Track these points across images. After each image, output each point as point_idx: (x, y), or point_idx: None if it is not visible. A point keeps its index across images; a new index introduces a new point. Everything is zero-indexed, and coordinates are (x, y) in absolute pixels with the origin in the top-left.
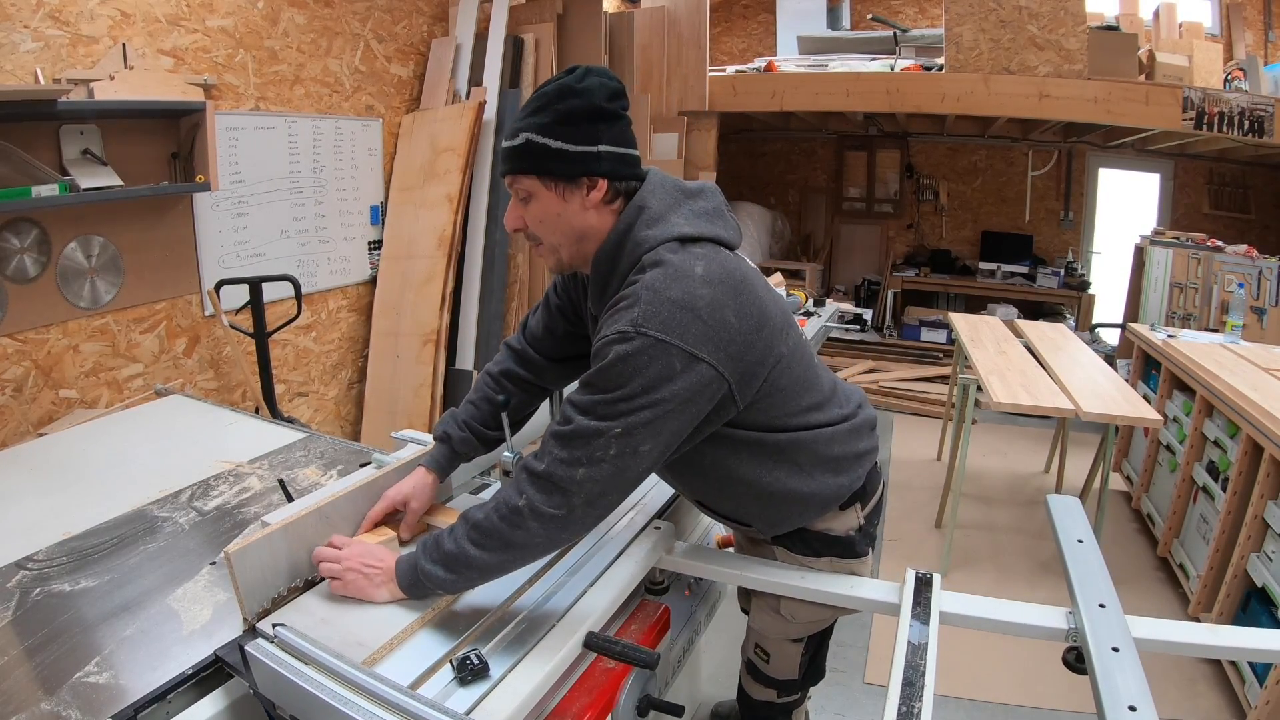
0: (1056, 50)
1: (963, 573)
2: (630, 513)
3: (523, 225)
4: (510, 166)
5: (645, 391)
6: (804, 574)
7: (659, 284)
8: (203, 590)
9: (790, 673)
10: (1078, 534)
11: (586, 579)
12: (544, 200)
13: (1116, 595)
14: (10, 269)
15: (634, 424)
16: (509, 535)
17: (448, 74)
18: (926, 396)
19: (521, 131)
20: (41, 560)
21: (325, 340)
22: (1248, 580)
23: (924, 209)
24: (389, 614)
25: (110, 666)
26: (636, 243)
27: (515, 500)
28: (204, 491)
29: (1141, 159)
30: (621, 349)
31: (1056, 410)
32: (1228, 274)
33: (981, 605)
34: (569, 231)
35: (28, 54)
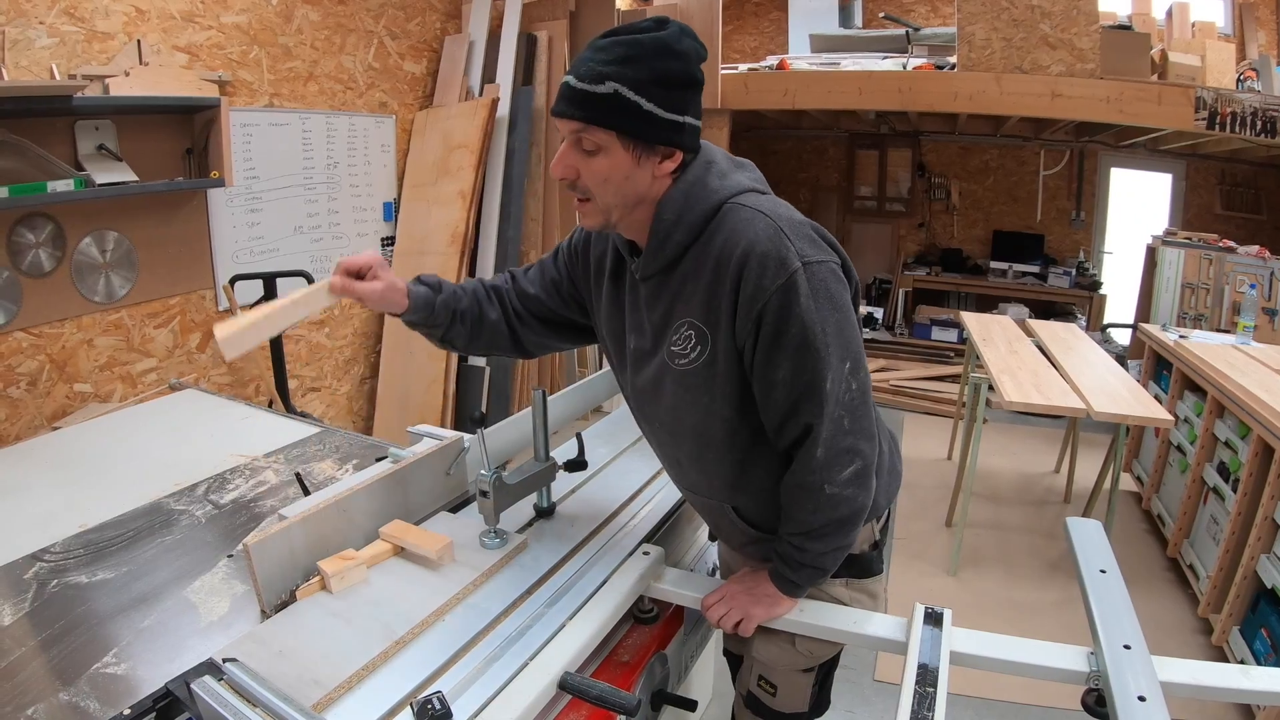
0: (1069, 49)
1: (972, 572)
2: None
3: (574, 176)
4: (586, 114)
5: (839, 316)
6: (803, 605)
7: (780, 215)
8: (220, 583)
9: (799, 705)
10: (1100, 563)
11: (565, 611)
12: (616, 159)
13: (1142, 634)
14: (26, 264)
15: (851, 350)
16: (840, 515)
17: (461, 71)
18: (937, 395)
19: (609, 79)
20: (58, 552)
21: (338, 336)
22: (1257, 581)
23: (935, 208)
24: (349, 649)
25: (128, 658)
26: (711, 191)
27: (820, 495)
28: (220, 485)
29: (1153, 159)
30: (802, 290)
31: (1068, 410)
32: (1239, 275)
33: (995, 644)
34: (630, 195)
35: (43, 50)
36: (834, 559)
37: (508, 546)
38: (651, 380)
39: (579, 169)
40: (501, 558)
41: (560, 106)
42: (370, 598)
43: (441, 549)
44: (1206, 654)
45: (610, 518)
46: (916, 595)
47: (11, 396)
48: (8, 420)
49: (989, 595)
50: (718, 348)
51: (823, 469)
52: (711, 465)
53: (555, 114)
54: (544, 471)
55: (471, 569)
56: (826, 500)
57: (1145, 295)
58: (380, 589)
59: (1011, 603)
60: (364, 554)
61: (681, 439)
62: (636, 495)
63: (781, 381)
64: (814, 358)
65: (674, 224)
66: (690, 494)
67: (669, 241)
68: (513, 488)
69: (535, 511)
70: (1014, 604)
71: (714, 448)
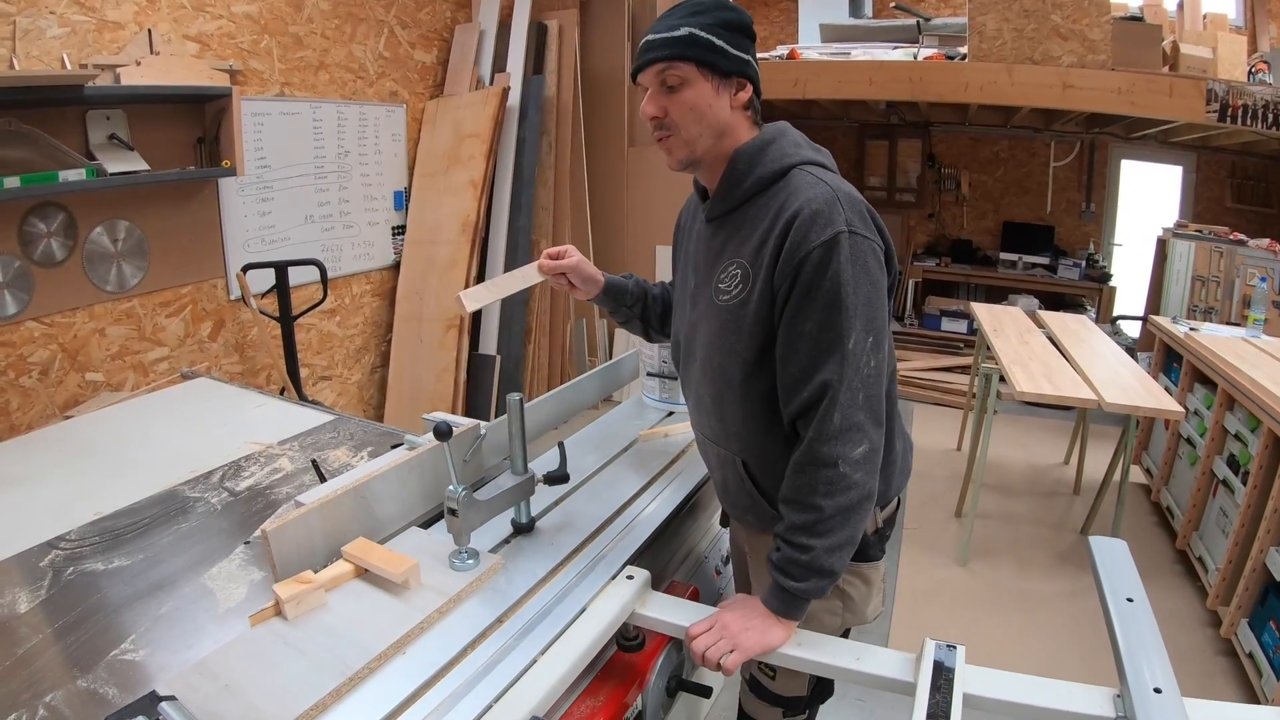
0: (1080, 41)
1: (982, 562)
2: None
3: (662, 114)
4: (668, 53)
5: (870, 287)
6: (800, 638)
7: (841, 190)
8: (237, 569)
9: (798, 690)
10: (1127, 590)
11: (539, 643)
12: (698, 89)
13: (1173, 674)
14: (38, 253)
15: (876, 324)
16: (848, 502)
17: (471, 60)
18: (947, 386)
19: (683, 26)
20: (73, 540)
21: (349, 325)
22: (1267, 574)
23: (945, 199)
24: (301, 684)
25: (146, 644)
26: (783, 154)
27: (832, 471)
28: (235, 472)
29: (1164, 151)
30: (843, 253)
31: (1079, 401)
32: (1250, 268)
33: (1014, 686)
34: (714, 124)
35: (54, 40)
36: (840, 559)
37: (480, 568)
38: (700, 315)
39: (666, 106)
40: (472, 581)
41: (642, 59)
42: (328, 625)
43: (406, 571)
44: (1215, 646)
45: (594, 534)
46: (928, 586)
47: (23, 386)
48: (20, 410)
49: (999, 585)
50: (755, 290)
51: (838, 439)
52: (728, 411)
53: (639, 68)
54: (521, 486)
55: (438, 594)
56: (840, 480)
57: (1155, 288)
58: (339, 615)
59: (1022, 593)
60: (323, 576)
61: (710, 378)
62: (624, 508)
63: (807, 334)
64: (841, 316)
65: (745, 173)
66: (710, 444)
67: (737, 188)
68: (485, 504)
69: (513, 527)
70: (1024, 594)
71: (733, 389)
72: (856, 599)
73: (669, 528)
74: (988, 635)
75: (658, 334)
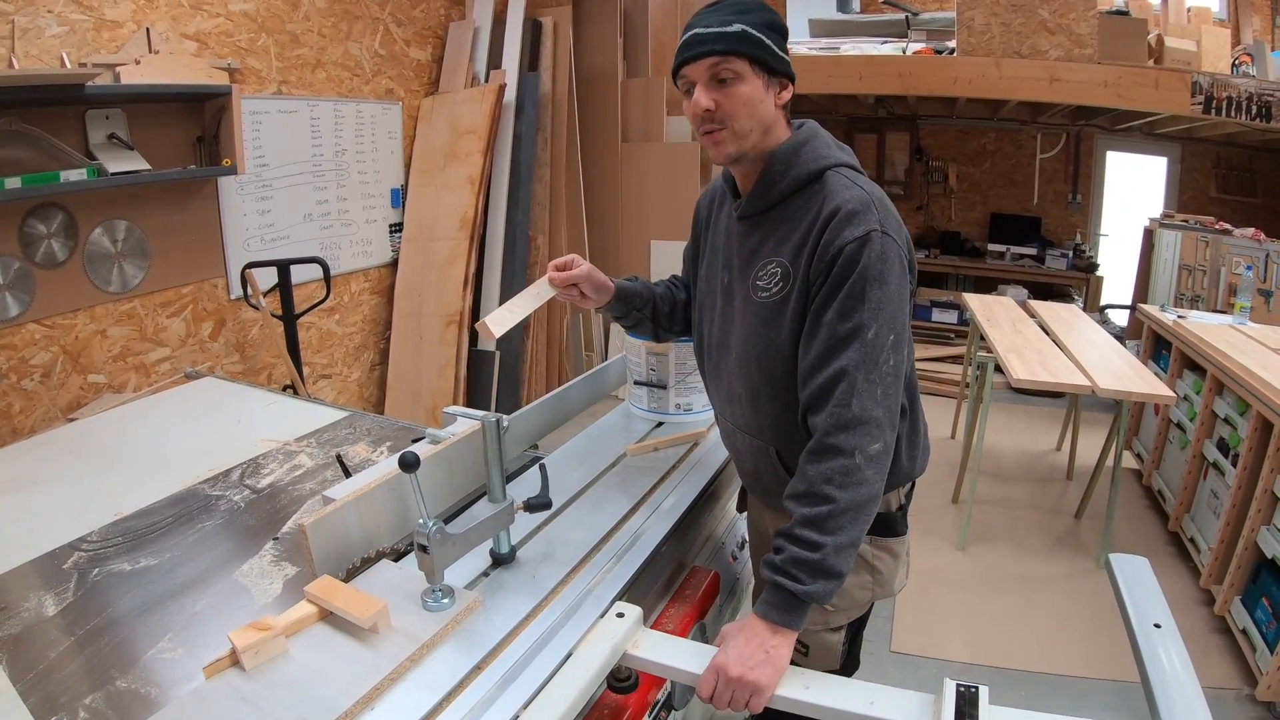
0: (1067, 34)
1: (981, 547)
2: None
3: (715, 107)
4: (725, 48)
5: (897, 288)
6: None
7: (876, 194)
8: (269, 565)
9: (831, 664)
10: (1154, 615)
11: (523, 693)
12: (751, 84)
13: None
14: (39, 254)
15: (899, 324)
16: (861, 497)
17: (466, 57)
18: (939, 376)
19: (735, 22)
20: (96, 541)
21: (348, 323)
22: (1258, 552)
23: (933, 191)
24: None
25: (185, 642)
26: (816, 155)
27: (847, 462)
28: (255, 470)
29: (1149, 142)
30: (874, 251)
31: (1075, 387)
32: (1235, 257)
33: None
34: (762, 120)
35: (53, 38)
36: (847, 562)
37: (455, 608)
38: (736, 311)
39: (718, 100)
40: (447, 623)
41: (693, 52)
42: (289, 677)
43: (374, 615)
44: (1209, 624)
45: (580, 564)
46: (929, 570)
47: (25, 388)
48: (22, 413)
49: (999, 569)
50: (794, 286)
51: (855, 430)
52: (765, 403)
53: (687, 60)
54: (499, 516)
55: (410, 639)
56: (855, 473)
57: (1143, 277)
58: (301, 666)
59: (1021, 576)
60: (283, 621)
61: (746, 372)
62: (612, 534)
63: (827, 323)
64: (864, 308)
65: (782, 174)
66: (741, 434)
67: (774, 188)
68: (459, 538)
69: (492, 558)
70: (1024, 578)
71: (772, 383)
72: (885, 573)
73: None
74: (990, 617)
75: (667, 334)
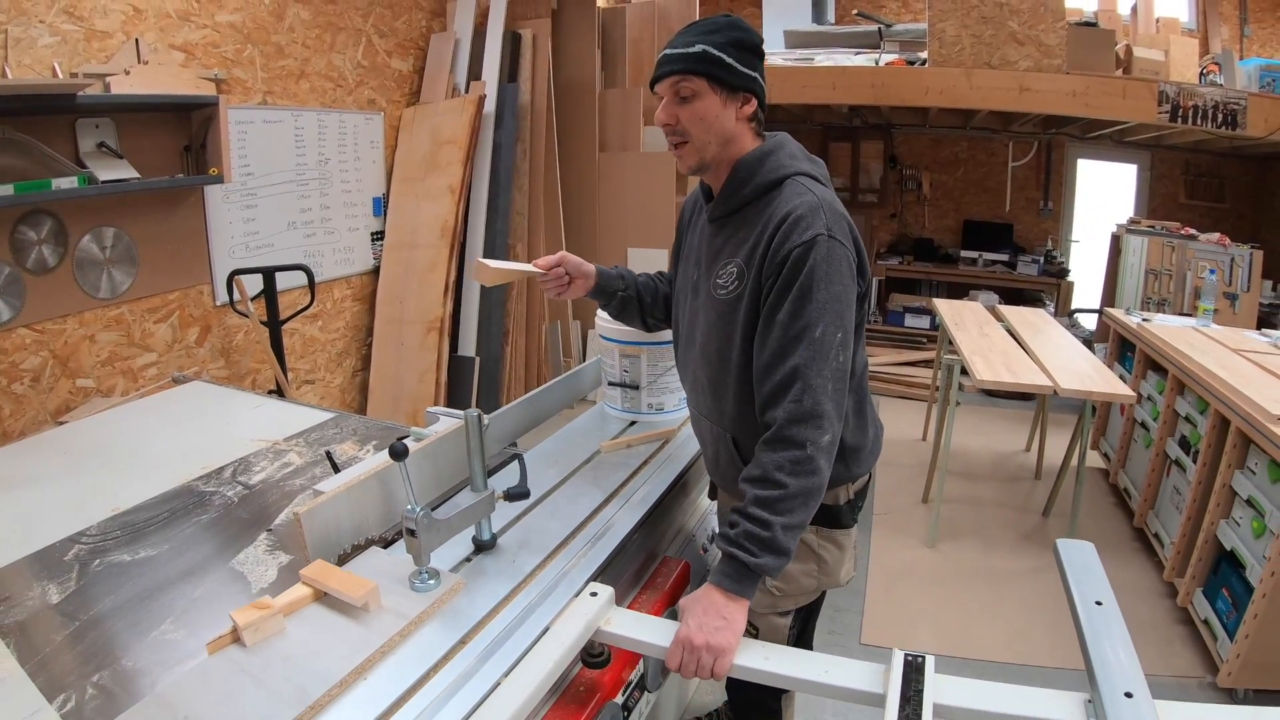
0: (1036, 45)
1: (950, 543)
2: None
3: (675, 122)
4: (683, 67)
5: (842, 288)
6: (767, 652)
7: (826, 200)
8: (264, 554)
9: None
10: (1096, 594)
11: (502, 665)
12: (707, 101)
13: (1144, 679)
14: (30, 260)
15: (845, 322)
16: (809, 485)
17: (447, 68)
18: (911, 380)
19: (697, 44)
20: (95, 535)
21: (330, 329)
22: (1218, 545)
23: (907, 198)
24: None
25: (186, 624)
26: (779, 165)
27: (798, 453)
28: (246, 468)
29: (1119, 150)
30: (819, 254)
31: (1036, 387)
32: (1201, 261)
33: (985, 694)
34: (720, 133)
35: (45, 48)
36: (793, 541)
37: (440, 589)
38: (700, 306)
39: (679, 115)
40: (433, 602)
41: (660, 71)
42: (286, 652)
43: (365, 594)
44: (1172, 615)
45: (556, 550)
46: (898, 566)
47: (15, 392)
48: (12, 416)
49: (966, 564)
50: (747, 285)
51: (808, 423)
52: (723, 391)
53: (656, 78)
54: (480, 504)
55: (399, 616)
56: (807, 463)
57: (1110, 281)
58: (297, 642)
59: (988, 571)
60: (281, 601)
61: (708, 362)
62: (587, 522)
63: (779, 323)
64: (811, 306)
65: (745, 181)
66: (705, 420)
67: (737, 194)
68: (444, 524)
69: (474, 545)
70: (991, 572)
71: (729, 372)
72: (830, 562)
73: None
74: (958, 610)
75: (653, 321)
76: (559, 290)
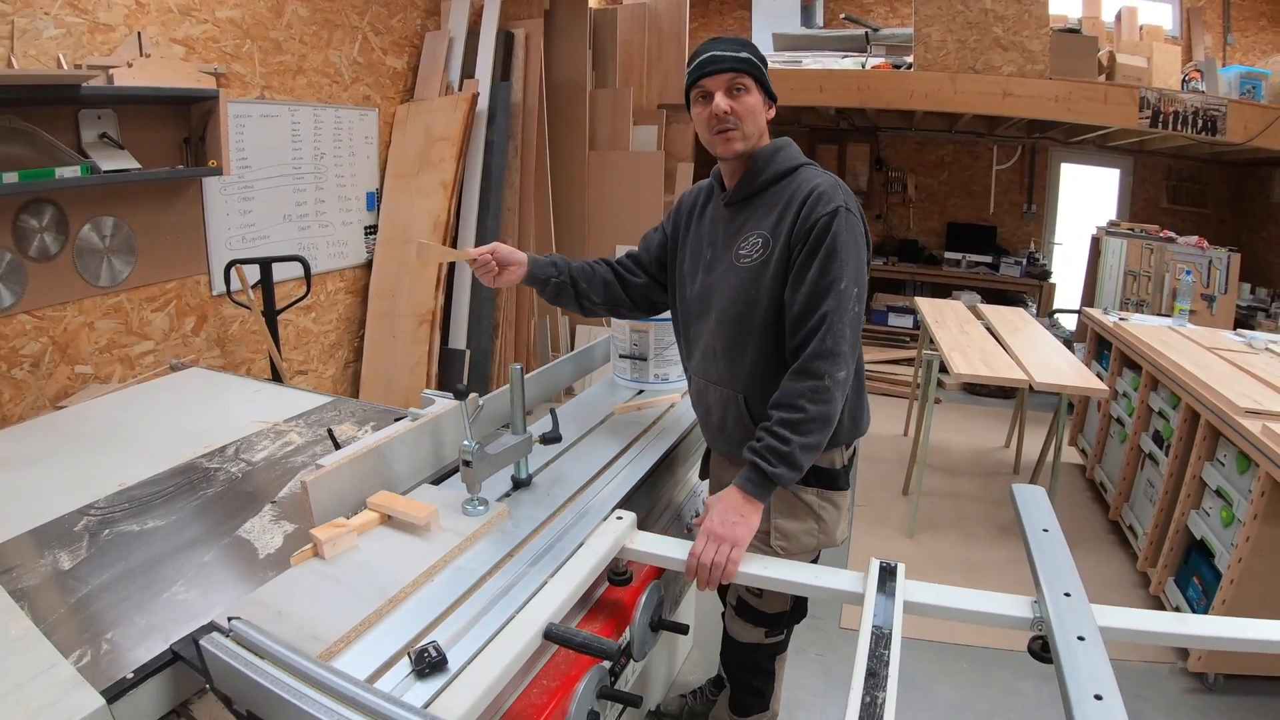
0: (1020, 51)
1: (929, 535)
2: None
3: (730, 110)
4: (738, 66)
5: (858, 251)
6: (766, 563)
7: (840, 183)
8: (270, 523)
9: (782, 605)
10: (1043, 523)
11: (546, 569)
12: (756, 98)
13: (1082, 584)
14: (32, 248)
15: (861, 279)
16: (825, 412)
17: (441, 66)
18: (894, 378)
19: (743, 50)
20: (103, 507)
21: (324, 321)
22: (1189, 535)
23: (892, 200)
24: (345, 606)
25: (197, 585)
26: (791, 156)
27: (819, 383)
28: (248, 446)
29: (1102, 155)
30: (841, 221)
31: (1012, 381)
32: (1179, 263)
33: (946, 595)
34: (759, 127)
35: (50, 40)
36: (808, 457)
37: (489, 514)
38: (718, 276)
39: (734, 106)
40: (484, 524)
41: (714, 67)
42: (361, 562)
43: (428, 516)
44: (1146, 603)
45: (584, 487)
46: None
47: (15, 377)
48: (11, 401)
49: (944, 554)
50: (774, 252)
51: (828, 359)
52: (739, 353)
53: (708, 74)
54: (521, 444)
55: (456, 534)
56: (824, 392)
57: (1090, 282)
58: (370, 554)
59: (966, 561)
60: (354, 522)
61: (725, 327)
62: (608, 467)
63: (810, 279)
64: (836, 264)
65: (762, 169)
66: (713, 388)
67: (756, 180)
68: (493, 457)
69: (513, 483)
70: (968, 562)
71: (750, 332)
72: (829, 521)
73: (648, 481)
74: None
75: (591, 305)
76: (489, 277)
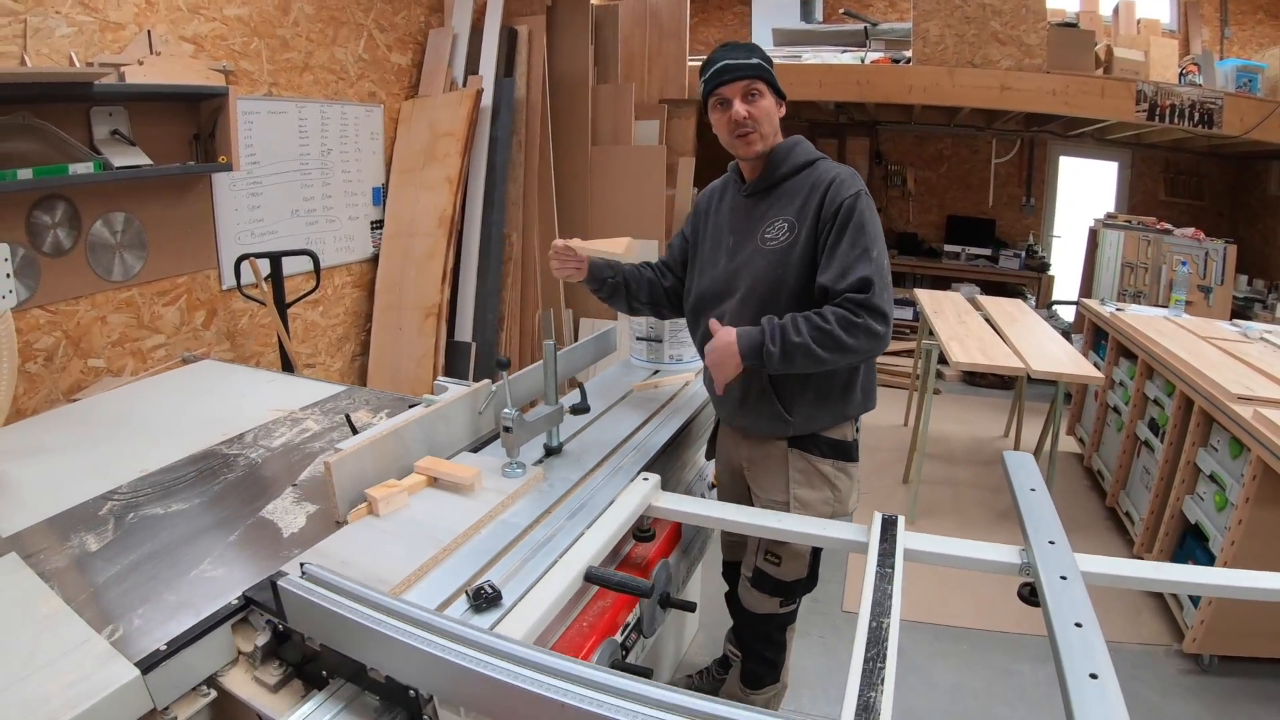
0: (1018, 45)
1: (927, 521)
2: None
3: (748, 115)
4: (755, 73)
5: (879, 230)
6: (780, 517)
7: (856, 173)
8: (292, 504)
9: (800, 572)
10: (1031, 484)
11: (583, 522)
12: (769, 100)
13: (1065, 535)
14: (46, 244)
15: (885, 255)
16: (844, 341)
17: (445, 63)
18: (894, 369)
19: (755, 57)
20: (126, 492)
21: (331, 314)
22: (1183, 520)
23: (892, 194)
24: (404, 553)
25: (224, 564)
26: (806, 150)
27: (854, 319)
28: (266, 433)
29: (1100, 148)
30: (863, 202)
31: (1009, 369)
32: (1175, 255)
33: (942, 544)
34: (775, 126)
35: (62, 38)
36: (800, 363)
37: (527, 476)
38: (744, 259)
39: (752, 111)
40: (523, 484)
41: (729, 76)
42: (413, 518)
43: (473, 477)
44: None
45: (611, 453)
46: None
47: (29, 371)
48: (26, 394)
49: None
50: (800, 234)
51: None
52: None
53: (724, 82)
54: (554, 413)
55: (498, 494)
56: (856, 328)
57: (1088, 274)
58: (421, 511)
59: None
60: (405, 482)
61: (750, 307)
62: (633, 435)
63: (842, 251)
64: (866, 237)
65: (782, 161)
66: None
67: (776, 171)
68: (531, 424)
69: (545, 450)
70: None
71: (776, 310)
72: (843, 490)
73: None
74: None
75: (639, 306)
76: (569, 269)
